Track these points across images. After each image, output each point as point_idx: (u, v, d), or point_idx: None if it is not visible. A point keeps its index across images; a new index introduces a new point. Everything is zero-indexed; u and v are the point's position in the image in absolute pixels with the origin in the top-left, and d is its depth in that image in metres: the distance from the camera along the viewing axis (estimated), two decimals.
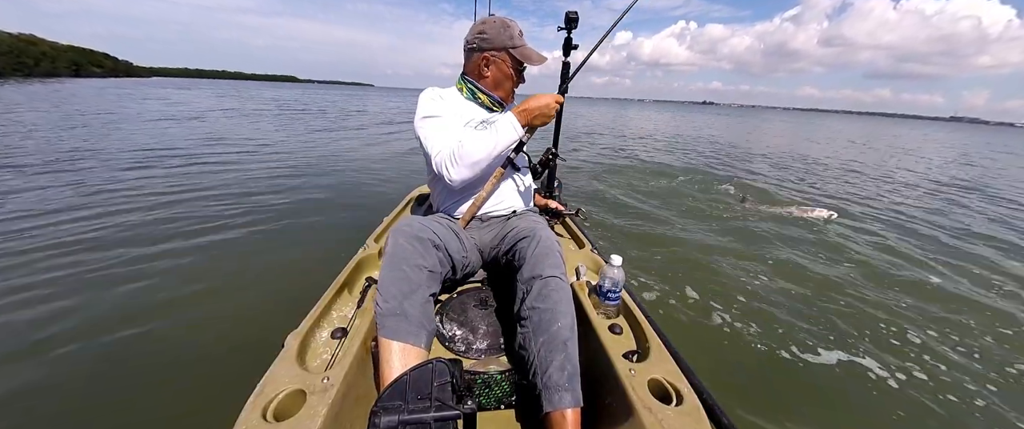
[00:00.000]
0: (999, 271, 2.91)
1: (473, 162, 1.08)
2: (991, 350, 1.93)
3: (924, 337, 2.00)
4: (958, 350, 1.92)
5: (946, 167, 9.44)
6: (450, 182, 1.10)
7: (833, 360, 1.78)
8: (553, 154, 1.33)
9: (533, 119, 1.13)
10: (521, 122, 1.12)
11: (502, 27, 1.19)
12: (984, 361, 1.84)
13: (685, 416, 0.69)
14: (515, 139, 1.12)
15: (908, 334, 2.02)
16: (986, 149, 17.16)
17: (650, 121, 23.00)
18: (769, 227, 3.56)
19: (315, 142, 7.00)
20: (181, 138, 6.34)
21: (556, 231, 1.61)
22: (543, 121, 1.15)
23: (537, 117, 1.13)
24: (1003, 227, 4.18)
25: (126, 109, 11.25)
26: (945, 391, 1.64)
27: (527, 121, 1.13)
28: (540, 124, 1.16)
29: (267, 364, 0.73)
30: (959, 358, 1.86)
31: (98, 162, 4.40)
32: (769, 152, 10.11)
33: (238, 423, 0.62)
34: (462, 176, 1.09)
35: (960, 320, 2.18)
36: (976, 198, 5.71)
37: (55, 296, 1.87)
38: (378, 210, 1.94)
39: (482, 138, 1.09)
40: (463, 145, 1.07)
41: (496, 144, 1.09)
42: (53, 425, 1.26)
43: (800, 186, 5.83)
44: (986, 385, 1.69)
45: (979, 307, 2.33)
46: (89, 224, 2.68)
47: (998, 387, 1.68)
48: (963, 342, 1.98)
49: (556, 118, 1.89)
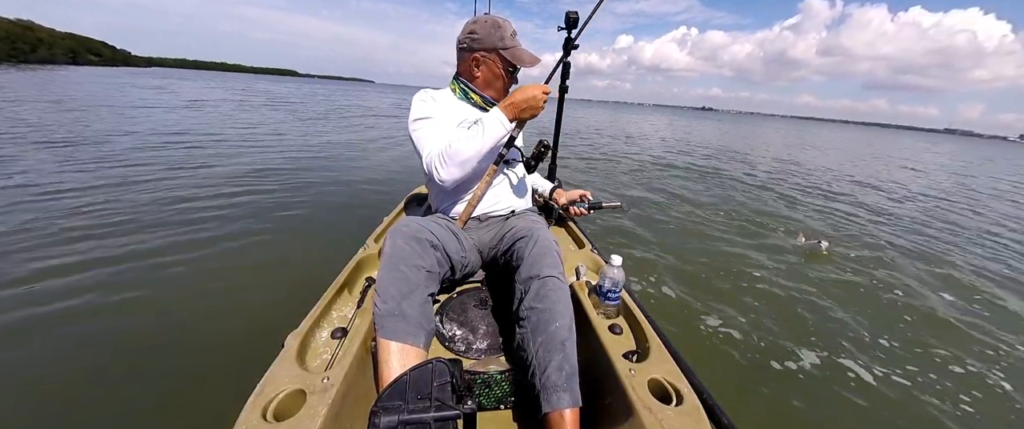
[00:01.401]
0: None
1: (462, 161, 1.06)
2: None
3: (925, 337, 2.01)
4: (955, 356, 1.92)
5: (932, 178, 9.51)
6: (441, 182, 1.09)
7: (834, 364, 1.78)
8: (545, 145, 1.27)
9: (521, 112, 1.09)
10: (508, 116, 1.08)
11: (493, 27, 1.16)
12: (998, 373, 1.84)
13: (685, 416, 0.69)
14: (503, 134, 1.09)
15: (906, 334, 2.02)
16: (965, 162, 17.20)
17: (650, 125, 23.07)
18: (769, 232, 3.56)
19: (315, 141, 6.99)
20: (176, 131, 6.34)
21: (558, 230, 1.61)
22: (532, 114, 1.10)
23: (525, 110, 1.09)
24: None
25: (124, 98, 11.25)
26: (946, 398, 1.64)
27: (515, 115, 1.09)
28: (529, 117, 1.11)
29: (267, 364, 0.73)
30: (962, 367, 1.86)
31: (91, 154, 4.40)
32: (770, 158, 10.12)
33: (238, 423, 0.62)
34: (452, 176, 1.08)
35: (955, 332, 2.18)
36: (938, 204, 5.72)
37: (54, 296, 1.87)
38: (378, 210, 1.94)
39: (470, 136, 1.07)
40: (451, 144, 1.06)
41: (484, 141, 1.07)
42: (52, 425, 1.26)
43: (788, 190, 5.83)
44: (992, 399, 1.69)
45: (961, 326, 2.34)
46: (87, 223, 2.68)
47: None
48: (961, 349, 1.99)
49: (557, 114, 1.89)
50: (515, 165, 1.31)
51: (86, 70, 38.88)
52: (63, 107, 8.28)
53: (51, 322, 1.69)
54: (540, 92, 1.09)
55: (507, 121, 1.08)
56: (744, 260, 2.81)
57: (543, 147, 1.26)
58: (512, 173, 1.31)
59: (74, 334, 1.63)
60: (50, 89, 10.96)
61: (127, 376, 1.45)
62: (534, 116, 1.12)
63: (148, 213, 2.96)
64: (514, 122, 1.10)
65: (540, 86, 1.12)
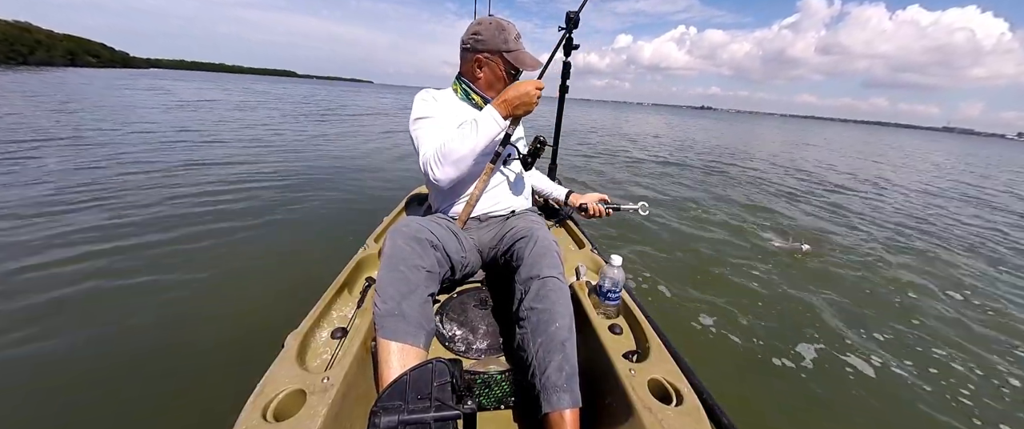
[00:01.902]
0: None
1: (457, 159, 1.06)
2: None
3: (922, 339, 2.01)
4: (963, 358, 1.92)
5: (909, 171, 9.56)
6: (437, 182, 1.09)
7: (833, 364, 1.78)
8: (541, 141, 1.24)
9: (515, 109, 1.08)
10: (502, 113, 1.07)
11: (497, 29, 1.16)
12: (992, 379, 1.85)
13: (685, 416, 0.69)
14: (497, 131, 1.08)
15: (907, 331, 2.02)
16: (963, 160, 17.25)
17: (649, 124, 23.10)
18: (770, 234, 3.56)
19: (314, 141, 6.99)
20: (175, 132, 6.34)
21: (558, 230, 1.61)
22: (525, 110, 1.09)
23: (519, 106, 1.07)
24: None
25: (123, 100, 11.26)
26: (946, 395, 1.64)
27: (508, 111, 1.08)
28: (523, 113, 1.10)
29: (267, 364, 0.73)
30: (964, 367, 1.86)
31: (90, 154, 4.40)
32: (769, 157, 10.14)
33: (238, 423, 0.62)
34: (447, 175, 1.07)
35: (960, 330, 2.18)
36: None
37: (53, 296, 1.87)
38: (378, 210, 1.94)
39: (464, 135, 1.06)
40: (446, 144, 1.06)
41: (478, 139, 1.06)
42: (52, 424, 1.26)
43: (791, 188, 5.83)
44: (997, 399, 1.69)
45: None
46: (87, 223, 2.68)
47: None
48: (965, 350, 1.99)
49: (557, 114, 1.89)
50: (514, 164, 1.31)
51: (86, 72, 38.77)
52: (66, 110, 8.27)
53: (50, 323, 1.69)
54: (533, 87, 1.07)
55: (500, 118, 1.07)
56: (744, 259, 2.81)
57: (539, 143, 1.24)
58: (512, 173, 1.31)
59: (73, 334, 1.63)
60: (51, 92, 10.93)
61: (127, 376, 1.45)
62: (528, 112, 1.10)
63: (147, 213, 2.96)
64: (508, 119, 1.09)
65: (533, 81, 1.10)
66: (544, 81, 1.17)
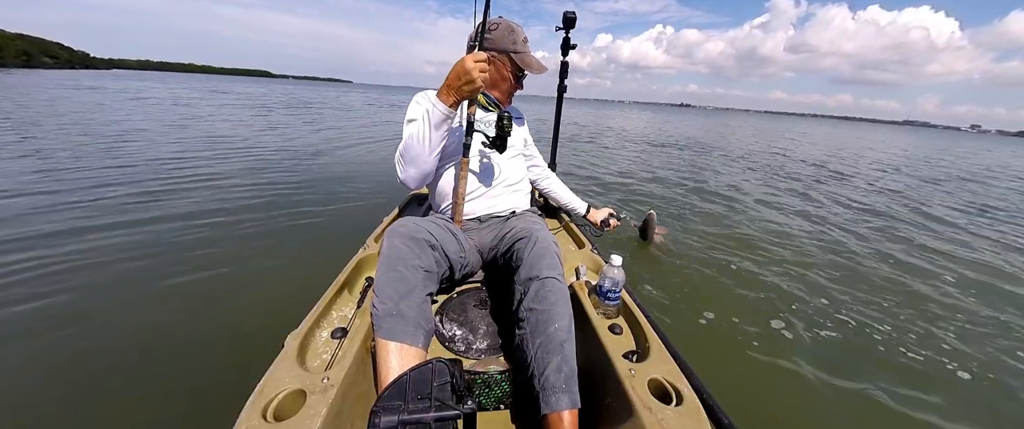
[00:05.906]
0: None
1: (413, 156, 1.07)
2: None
3: (923, 338, 2.01)
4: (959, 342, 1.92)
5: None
6: (403, 182, 1.11)
7: (834, 363, 1.78)
8: (506, 118, 1.12)
9: (457, 90, 0.99)
10: (443, 97, 1.00)
11: (507, 30, 1.20)
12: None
13: (685, 416, 0.69)
14: (441, 118, 1.02)
15: (907, 336, 2.02)
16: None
17: (630, 121, 23.25)
18: (768, 226, 3.56)
19: (313, 140, 6.99)
20: (163, 131, 6.35)
21: (558, 231, 1.61)
22: (470, 87, 0.98)
23: (463, 85, 0.98)
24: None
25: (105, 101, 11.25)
26: (946, 393, 1.64)
27: (451, 94, 1.00)
28: (468, 91, 0.99)
29: (267, 364, 0.73)
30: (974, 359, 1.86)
31: (90, 155, 4.40)
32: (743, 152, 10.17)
33: (238, 423, 0.62)
34: (409, 174, 1.09)
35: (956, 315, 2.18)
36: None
37: (51, 294, 1.86)
38: (378, 210, 1.94)
39: (414, 128, 1.07)
40: (404, 143, 1.08)
41: (424, 130, 1.04)
42: (49, 424, 1.26)
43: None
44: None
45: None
46: (86, 223, 2.68)
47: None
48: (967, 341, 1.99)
49: (556, 114, 1.89)
50: (502, 161, 1.31)
51: (43, 74, 37.22)
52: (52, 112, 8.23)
53: (49, 324, 1.69)
54: (471, 62, 0.96)
55: (440, 102, 1.01)
56: (743, 258, 2.81)
57: (504, 120, 1.13)
58: (511, 173, 1.31)
59: (73, 335, 1.63)
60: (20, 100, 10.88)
61: (126, 376, 1.45)
62: (475, 89, 0.99)
63: (146, 214, 2.96)
64: (454, 102, 1.01)
65: (472, 55, 0.98)
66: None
